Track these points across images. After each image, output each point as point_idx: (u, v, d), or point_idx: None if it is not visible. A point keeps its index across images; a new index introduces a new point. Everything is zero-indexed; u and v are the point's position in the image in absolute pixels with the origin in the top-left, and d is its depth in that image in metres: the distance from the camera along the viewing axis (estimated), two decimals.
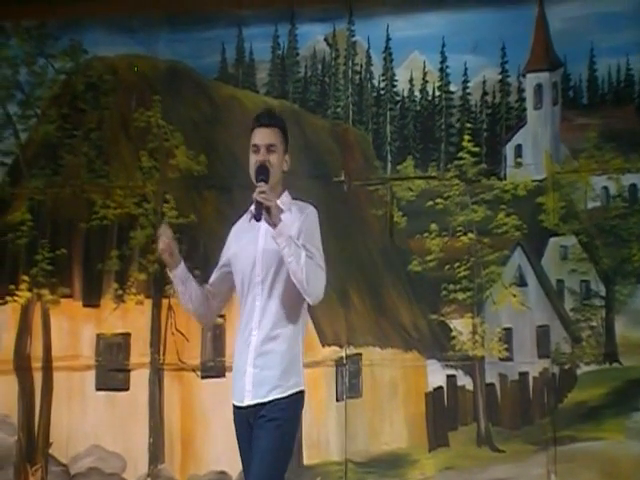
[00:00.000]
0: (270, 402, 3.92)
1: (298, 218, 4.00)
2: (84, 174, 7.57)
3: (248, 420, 3.97)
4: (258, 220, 3.93)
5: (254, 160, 4.11)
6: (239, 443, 4.06)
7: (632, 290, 6.88)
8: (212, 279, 4.26)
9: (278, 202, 4.00)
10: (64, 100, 7.73)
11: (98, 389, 7.38)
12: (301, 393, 4.02)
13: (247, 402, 3.96)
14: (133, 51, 7.63)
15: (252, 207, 3.98)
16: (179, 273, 4.15)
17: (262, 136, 4.10)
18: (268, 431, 3.88)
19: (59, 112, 7.69)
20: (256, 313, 3.99)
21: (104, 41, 7.63)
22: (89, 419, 7.37)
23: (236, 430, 4.06)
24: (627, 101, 7.10)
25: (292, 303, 4.00)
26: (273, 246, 3.93)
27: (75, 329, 7.45)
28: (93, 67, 7.67)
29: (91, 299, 7.47)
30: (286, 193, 4.15)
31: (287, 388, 3.96)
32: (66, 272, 7.51)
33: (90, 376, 7.39)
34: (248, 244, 4.05)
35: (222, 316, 7.16)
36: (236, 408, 4.04)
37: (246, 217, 4.16)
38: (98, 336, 7.42)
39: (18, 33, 7.76)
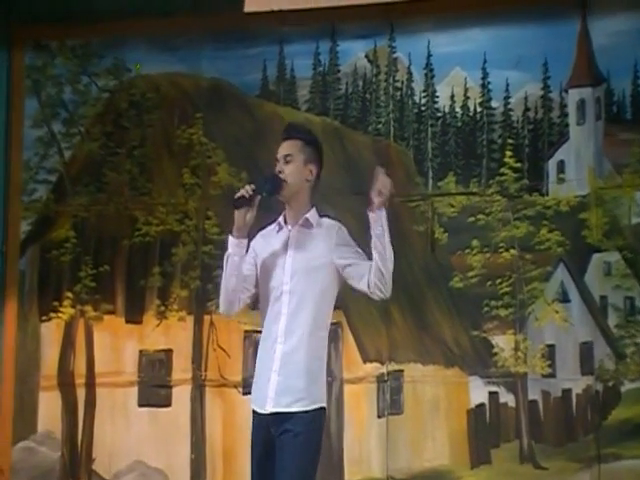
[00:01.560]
0: (294, 414, 4.03)
1: (329, 235, 4.16)
2: (127, 191, 7.71)
3: (268, 427, 4.09)
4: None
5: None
6: (253, 448, 4.20)
7: None
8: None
9: (307, 216, 4.18)
10: (107, 118, 7.88)
11: (140, 405, 7.50)
12: (323, 409, 4.13)
13: (269, 409, 4.08)
14: (175, 69, 7.77)
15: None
16: (243, 243, 4.19)
17: (281, 149, 4.28)
18: (295, 447, 4.00)
19: (103, 130, 7.85)
20: (282, 322, 4.12)
21: (147, 59, 7.78)
22: (132, 435, 7.48)
23: (252, 435, 4.20)
24: None
25: (319, 315, 4.13)
26: (302, 256, 4.09)
27: (118, 345, 7.58)
28: (136, 85, 7.82)
29: (133, 315, 7.60)
30: (314, 209, 4.26)
31: (311, 402, 4.07)
32: (109, 289, 7.65)
33: (132, 392, 7.51)
34: (276, 253, 4.18)
35: (261, 332, 7.26)
36: (255, 414, 4.17)
37: (274, 227, 4.29)
38: (140, 352, 7.54)
39: (63, 52, 7.93)
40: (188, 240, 7.54)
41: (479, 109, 7.44)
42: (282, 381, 4.06)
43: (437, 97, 7.51)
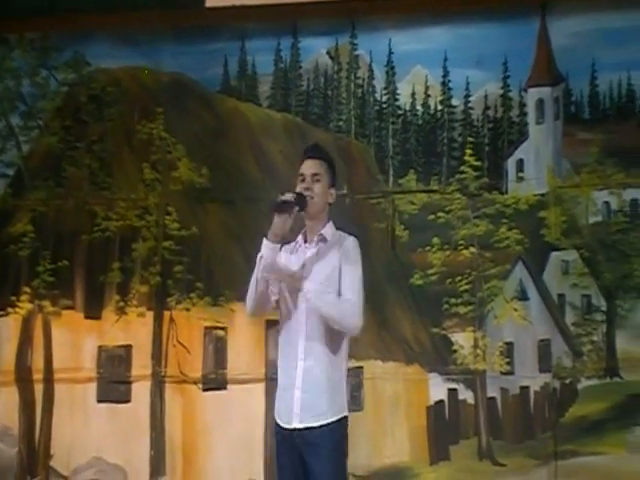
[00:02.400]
0: (320, 427, 4.13)
1: (338, 250, 4.23)
2: (86, 186, 7.65)
3: (294, 442, 4.16)
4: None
5: (298, 189, 4.30)
6: (279, 460, 4.25)
7: (633, 305, 6.95)
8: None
9: (322, 232, 4.25)
10: (67, 112, 7.81)
11: (99, 401, 7.45)
12: (346, 418, 4.23)
13: (296, 425, 4.16)
14: (136, 63, 7.71)
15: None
16: (277, 248, 4.19)
17: (307, 166, 4.32)
18: (323, 462, 4.11)
19: (62, 124, 7.77)
20: (302, 338, 4.19)
21: (107, 53, 7.71)
22: (90, 431, 7.44)
23: (277, 448, 4.25)
24: (629, 116, 7.18)
25: (335, 330, 4.18)
26: (318, 272, 4.17)
27: (76, 341, 7.53)
28: (96, 79, 7.75)
29: (93, 311, 7.54)
30: (330, 224, 4.34)
31: (335, 413, 4.20)
32: (68, 284, 7.59)
33: (91, 388, 7.46)
34: (296, 272, 4.22)
35: (224, 329, 7.27)
36: (280, 428, 4.23)
37: (294, 245, 4.35)
38: (100, 348, 7.49)
39: (21, 45, 7.84)
40: (148, 235, 7.51)
41: (440, 107, 7.48)
42: (306, 397, 4.15)
43: (398, 95, 7.54)
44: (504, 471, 6.95)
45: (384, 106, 7.55)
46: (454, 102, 7.46)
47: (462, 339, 7.09)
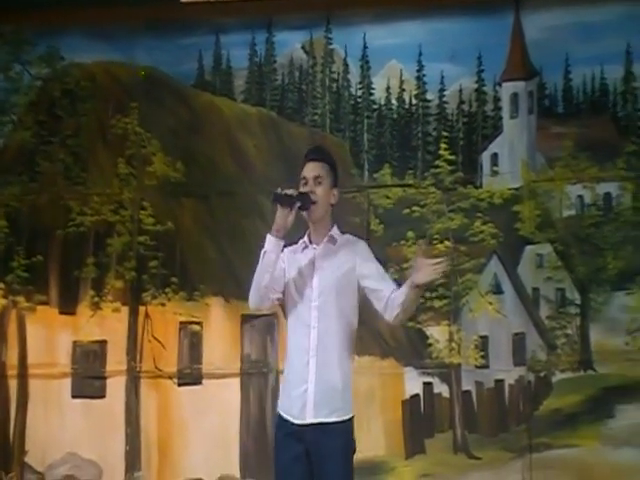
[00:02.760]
0: (331, 425, 4.15)
1: (354, 250, 4.27)
2: (61, 181, 7.62)
3: (303, 438, 4.15)
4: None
5: None
6: (280, 455, 4.22)
7: (607, 298, 6.99)
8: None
9: (332, 233, 4.30)
10: (41, 107, 7.77)
11: (74, 397, 7.42)
12: (353, 418, 4.26)
13: (309, 420, 4.16)
14: (110, 57, 7.69)
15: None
16: (281, 244, 4.20)
17: (309, 169, 4.31)
18: (337, 463, 4.13)
19: (35, 119, 7.74)
20: (313, 336, 4.19)
21: (81, 47, 7.68)
22: (65, 427, 7.41)
23: (281, 444, 4.23)
24: (602, 110, 7.22)
25: (347, 326, 4.25)
26: (329, 272, 4.20)
27: (51, 336, 7.49)
28: (70, 73, 7.72)
29: (67, 306, 7.51)
30: (335, 227, 4.36)
31: (346, 412, 4.22)
32: (42, 279, 7.55)
33: (66, 384, 7.43)
34: (303, 271, 4.26)
35: (199, 324, 7.25)
36: (288, 423, 4.21)
37: (299, 245, 4.34)
38: (74, 343, 7.46)
39: None
40: (123, 230, 7.48)
41: (414, 101, 7.49)
42: (319, 392, 4.17)
43: (373, 89, 7.54)
44: (479, 464, 6.97)
45: (359, 100, 7.55)
46: (429, 96, 7.47)
47: (437, 333, 7.11)
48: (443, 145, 7.31)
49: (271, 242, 4.17)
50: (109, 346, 7.42)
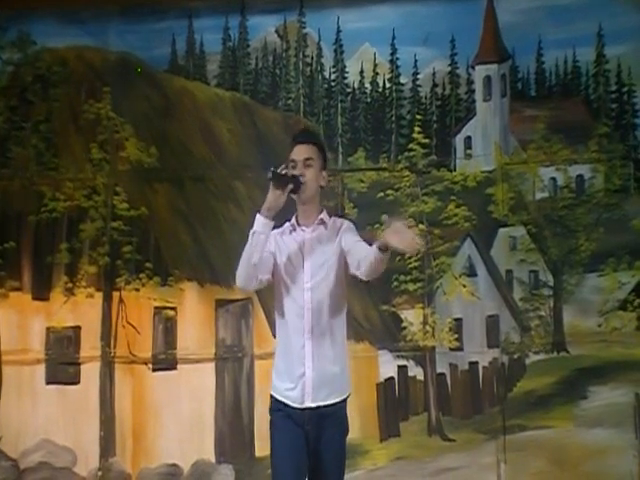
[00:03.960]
0: (331, 405, 4.15)
1: (340, 229, 4.23)
2: (33, 166, 7.56)
3: (302, 421, 4.12)
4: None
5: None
6: (279, 438, 4.16)
7: (579, 280, 7.01)
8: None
9: (322, 216, 4.24)
10: (12, 92, 7.71)
11: (48, 383, 7.38)
12: (349, 396, 4.27)
13: (308, 404, 4.13)
14: (83, 42, 7.63)
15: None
16: (270, 224, 4.12)
17: (298, 152, 4.22)
18: (338, 438, 4.18)
19: (7, 104, 7.68)
20: (307, 317, 4.14)
21: (53, 32, 7.62)
22: (39, 413, 7.37)
23: (279, 427, 4.17)
24: (574, 93, 7.25)
25: (339, 305, 4.21)
26: (319, 254, 4.16)
27: (24, 323, 7.44)
28: (42, 58, 7.66)
29: (41, 292, 7.46)
30: (325, 211, 4.30)
31: (343, 391, 4.22)
32: (15, 265, 7.49)
33: (40, 370, 7.39)
34: (293, 253, 4.20)
35: (173, 309, 7.22)
36: (286, 406, 4.16)
37: (287, 228, 4.28)
38: (48, 329, 7.42)
39: None
40: (96, 216, 7.43)
41: (388, 85, 7.48)
42: (317, 376, 4.13)
43: (347, 73, 7.53)
44: (453, 446, 6.98)
45: (333, 84, 7.54)
46: (402, 80, 7.47)
47: (411, 316, 7.11)
48: (417, 128, 7.31)
49: (261, 222, 4.10)
50: (83, 332, 7.38)
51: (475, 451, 6.91)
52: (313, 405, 4.13)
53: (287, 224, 4.29)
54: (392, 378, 7.10)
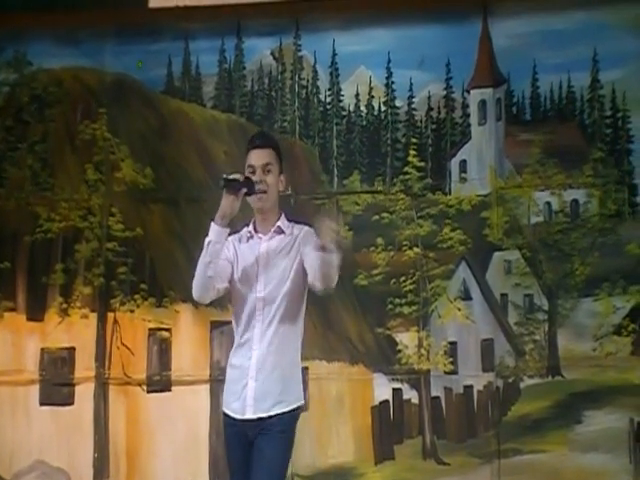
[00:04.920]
0: (274, 416, 4.04)
1: (298, 239, 4.14)
2: (28, 187, 7.57)
3: (246, 433, 4.07)
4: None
5: None
6: (230, 453, 4.15)
7: (574, 304, 7.03)
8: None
9: (279, 224, 4.17)
10: (8, 112, 7.73)
11: (42, 404, 7.38)
12: (300, 408, 4.17)
13: (249, 415, 4.06)
14: (79, 63, 7.65)
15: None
16: (226, 232, 4.06)
17: (257, 157, 4.15)
18: (274, 443, 4.01)
19: (3, 124, 7.70)
20: (257, 328, 4.09)
21: (49, 53, 7.65)
22: (33, 434, 7.36)
23: (229, 441, 4.16)
24: (569, 117, 7.28)
25: (292, 319, 4.14)
26: (274, 264, 4.10)
27: (19, 343, 7.44)
28: (38, 79, 7.68)
29: (35, 313, 7.46)
30: (283, 216, 4.24)
31: (290, 403, 4.10)
32: (10, 286, 7.50)
33: (34, 390, 7.38)
34: (248, 262, 4.14)
35: (168, 330, 7.23)
36: (231, 419, 4.13)
37: (244, 235, 4.23)
38: (42, 350, 7.41)
39: None
40: (91, 237, 7.44)
41: (383, 108, 7.51)
42: (259, 387, 4.06)
43: (342, 96, 7.56)
44: (448, 470, 6.99)
45: (328, 107, 7.57)
46: (398, 103, 7.50)
47: (406, 339, 7.13)
48: (412, 152, 7.34)
49: (216, 231, 4.03)
50: (77, 353, 7.38)
51: (470, 475, 6.92)
52: (253, 417, 4.05)
53: (245, 229, 4.23)
54: (387, 401, 7.11)
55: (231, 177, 4.02)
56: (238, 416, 4.10)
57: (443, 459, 7.02)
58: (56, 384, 7.36)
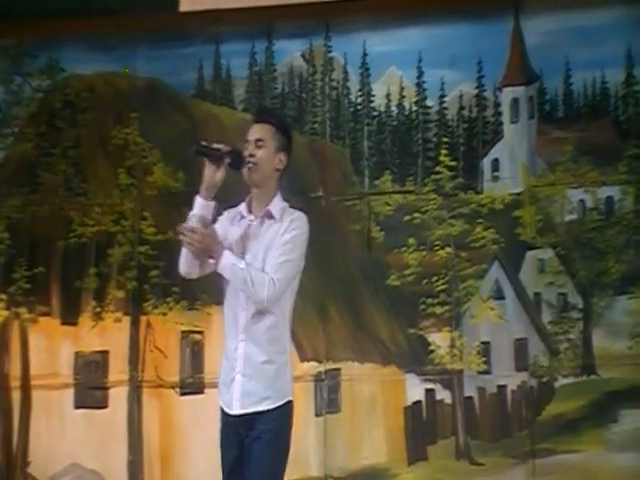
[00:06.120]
0: (260, 413, 4.01)
1: (280, 226, 4.09)
2: (62, 192, 7.78)
3: (237, 430, 4.07)
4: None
5: None
6: (222, 449, 4.15)
7: (609, 302, 7.07)
8: None
9: (269, 208, 4.11)
10: (41, 118, 7.94)
11: (77, 407, 7.56)
12: (290, 403, 4.11)
13: (236, 411, 4.05)
14: (111, 68, 7.86)
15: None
16: (211, 206, 4.11)
17: (252, 131, 4.18)
18: (262, 446, 3.98)
19: (36, 130, 7.91)
20: (243, 321, 4.06)
21: (81, 59, 7.86)
22: (68, 437, 7.55)
23: (222, 435, 4.15)
24: (602, 114, 7.33)
25: (279, 311, 4.08)
26: (259, 250, 4.06)
27: (53, 347, 7.64)
28: (70, 85, 7.89)
29: (69, 317, 7.66)
30: (278, 197, 4.19)
31: (277, 399, 4.04)
32: (44, 290, 7.71)
33: (68, 394, 7.57)
34: (235, 244, 4.11)
35: (200, 333, 7.37)
36: (224, 415, 4.13)
37: (236, 213, 4.23)
38: (76, 354, 7.60)
39: None
40: (124, 241, 7.62)
41: (414, 108, 7.62)
42: (246, 382, 4.03)
43: (373, 96, 7.67)
44: (482, 470, 7.06)
45: (359, 108, 7.68)
46: (429, 103, 7.60)
47: (439, 339, 7.21)
48: (443, 151, 7.43)
49: (200, 205, 4.05)
50: (111, 356, 7.56)
51: (504, 475, 6.98)
52: (241, 412, 4.02)
53: (241, 206, 4.21)
54: (419, 402, 7.20)
55: (213, 146, 4.05)
56: (228, 410, 4.09)
57: (477, 459, 7.09)
58: (90, 387, 7.55)
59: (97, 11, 7.59)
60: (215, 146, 4.08)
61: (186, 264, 4.17)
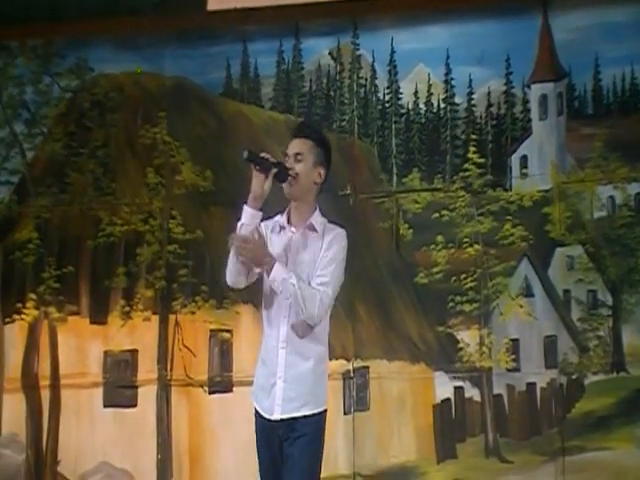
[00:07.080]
0: (301, 418, 4.18)
1: (322, 242, 4.23)
2: (90, 192, 7.94)
3: (277, 433, 4.22)
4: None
5: None
6: (260, 452, 4.33)
7: (639, 299, 7.16)
8: None
9: (312, 220, 4.25)
10: (70, 118, 8.12)
11: (106, 406, 7.73)
12: (326, 411, 4.32)
13: (277, 416, 4.20)
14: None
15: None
16: (258, 215, 4.17)
17: (291, 146, 4.34)
18: (303, 448, 4.15)
19: (65, 130, 8.08)
20: (284, 327, 4.20)
21: (110, 58, 8.03)
22: (97, 436, 7.72)
23: (259, 439, 4.32)
24: (632, 110, 7.40)
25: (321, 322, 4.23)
26: (301, 261, 4.22)
27: (82, 346, 7.81)
28: (99, 85, 8.06)
29: (98, 316, 7.82)
30: (318, 211, 4.32)
31: (317, 405, 4.24)
32: (73, 290, 7.88)
33: (98, 393, 7.74)
34: (278, 254, 4.22)
35: (229, 331, 7.51)
36: (261, 419, 4.29)
37: (275, 224, 4.35)
38: (105, 353, 7.77)
39: (24, 52, 8.17)
40: (153, 240, 7.77)
41: (442, 105, 7.73)
42: (287, 387, 4.18)
43: (401, 94, 7.78)
44: (511, 468, 7.16)
45: (387, 105, 7.80)
46: (457, 100, 7.71)
47: (467, 337, 7.31)
48: (472, 148, 7.54)
49: (248, 214, 4.15)
50: (140, 355, 7.72)
51: (533, 473, 7.07)
52: (282, 417, 4.17)
53: (278, 217, 4.32)
54: (449, 399, 7.31)
55: (261, 155, 4.20)
56: (267, 415, 4.24)
57: (506, 457, 7.18)
58: (119, 386, 7.71)
59: (125, 11, 7.77)
60: (263, 155, 4.21)
61: (234, 273, 4.28)
